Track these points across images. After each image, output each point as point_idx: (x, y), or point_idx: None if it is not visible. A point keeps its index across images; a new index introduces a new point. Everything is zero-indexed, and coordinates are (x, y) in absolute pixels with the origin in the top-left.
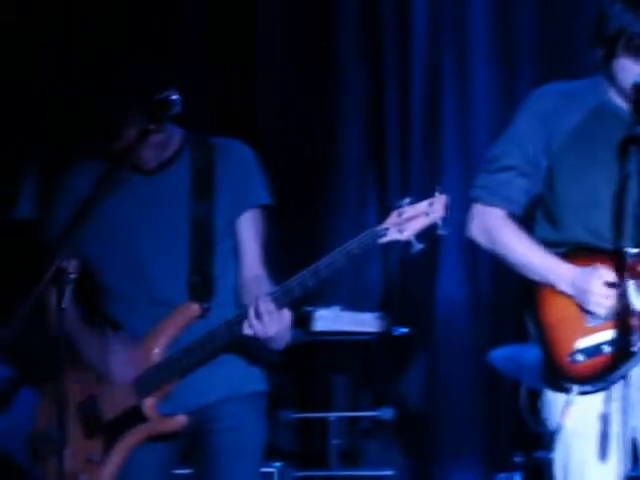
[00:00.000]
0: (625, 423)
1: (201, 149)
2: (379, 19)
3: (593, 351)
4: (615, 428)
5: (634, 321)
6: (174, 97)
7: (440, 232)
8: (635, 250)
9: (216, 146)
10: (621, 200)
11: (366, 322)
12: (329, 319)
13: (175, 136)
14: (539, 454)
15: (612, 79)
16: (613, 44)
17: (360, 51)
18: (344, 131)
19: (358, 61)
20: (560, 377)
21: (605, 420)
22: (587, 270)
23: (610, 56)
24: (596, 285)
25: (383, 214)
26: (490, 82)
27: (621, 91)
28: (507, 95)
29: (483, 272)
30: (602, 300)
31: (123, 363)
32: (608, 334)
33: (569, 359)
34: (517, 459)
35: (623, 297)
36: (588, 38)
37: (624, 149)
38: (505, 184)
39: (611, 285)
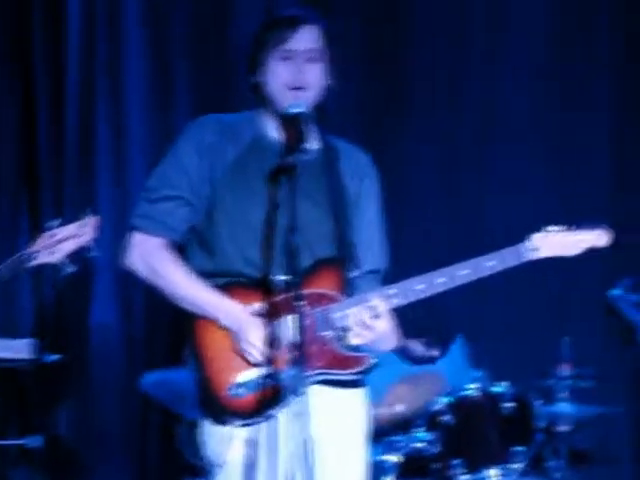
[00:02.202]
0: (272, 449)
1: None
2: (30, 38)
3: (253, 385)
4: (263, 453)
5: (291, 355)
6: None
7: (91, 254)
8: (284, 277)
9: None
10: (271, 229)
11: (17, 349)
12: None
13: None
14: None
15: (267, 102)
16: (263, 51)
17: (10, 69)
18: None
19: (9, 81)
20: (221, 411)
21: (252, 445)
22: (247, 314)
23: (262, 66)
24: (254, 334)
25: (35, 237)
26: (145, 103)
27: (276, 113)
28: (163, 117)
29: (137, 298)
30: (260, 347)
31: None
32: (268, 368)
33: (229, 393)
34: None
35: (279, 331)
36: (243, 67)
37: (274, 178)
38: (167, 214)
39: (267, 328)
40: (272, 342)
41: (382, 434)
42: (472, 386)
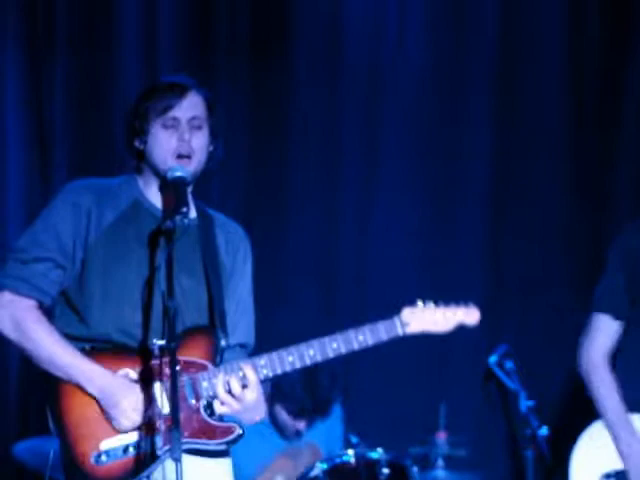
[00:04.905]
0: None
1: None
2: None
3: (118, 453)
4: None
5: (160, 424)
6: None
7: None
8: (161, 342)
9: None
10: (149, 293)
11: None
12: None
13: None
14: None
15: (148, 169)
16: (146, 118)
17: None
18: None
19: None
20: (84, 478)
21: None
22: (118, 379)
23: (145, 133)
24: (126, 401)
25: None
26: (23, 160)
27: (157, 177)
28: (42, 178)
29: (12, 362)
30: (130, 415)
31: None
32: (135, 435)
33: (92, 460)
34: None
35: (150, 400)
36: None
37: (153, 242)
38: (39, 275)
39: (140, 394)
40: (148, 410)
41: None
42: (349, 452)
